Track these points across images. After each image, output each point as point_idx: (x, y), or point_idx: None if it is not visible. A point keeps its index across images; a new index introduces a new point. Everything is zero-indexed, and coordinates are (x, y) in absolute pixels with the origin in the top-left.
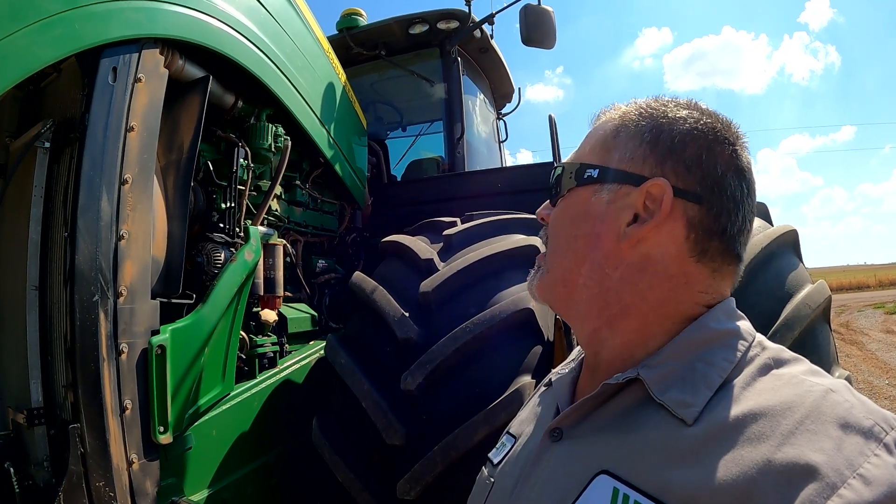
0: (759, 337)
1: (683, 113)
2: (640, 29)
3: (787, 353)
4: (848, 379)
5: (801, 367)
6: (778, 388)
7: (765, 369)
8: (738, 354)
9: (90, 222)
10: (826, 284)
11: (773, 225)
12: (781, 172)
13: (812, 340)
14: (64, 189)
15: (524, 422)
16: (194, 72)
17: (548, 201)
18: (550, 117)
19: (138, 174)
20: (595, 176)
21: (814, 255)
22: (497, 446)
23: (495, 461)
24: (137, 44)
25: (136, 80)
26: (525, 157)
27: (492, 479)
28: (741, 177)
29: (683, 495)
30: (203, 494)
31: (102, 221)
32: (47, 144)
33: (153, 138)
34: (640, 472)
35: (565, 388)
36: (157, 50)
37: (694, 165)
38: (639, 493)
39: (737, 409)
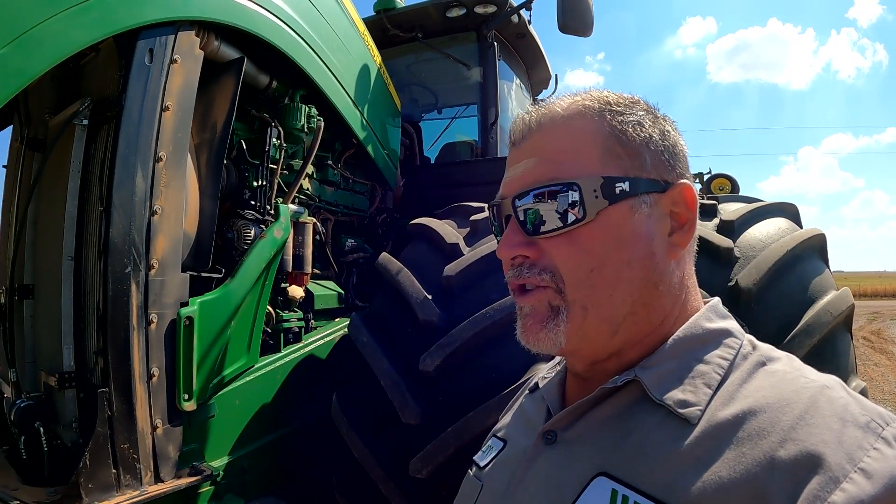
0: (749, 336)
1: (646, 105)
2: (685, 17)
3: (777, 352)
4: (864, 391)
5: (793, 364)
6: (774, 384)
7: (758, 367)
8: (733, 353)
9: (125, 197)
10: (850, 292)
11: (801, 227)
12: (822, 171)
13: (831, 348)
14: (101, 165)
15: (511, 425)
16: (230, 53)
17: (510, 235)
18: None
19: (172, 152)
20: (628, 190)
21: (850, 259)
22: (483, 449)
23: (482, 464)
24: (173, 26)
25: (172, 61)
26: None
27: (479, 482)
28: None
29: (687, 496)
30: (223, 461)
31: (137, 197)
32: (85, 122)
33: (188, 117)
34: (640, 473)
35: (554, 390)
36: (193, 32)
37: (685, 157)
38: (639, 494)
39: (736, 407)
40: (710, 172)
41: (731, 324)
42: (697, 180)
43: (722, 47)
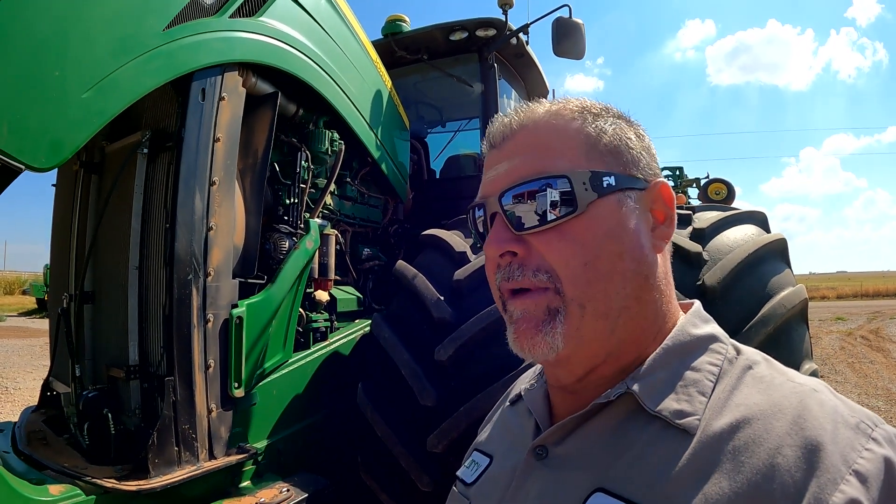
0: (732, 340)
1: (617, 112)
2: (683, 20)
3: (757, 354)
4: (815, 373)
5: (777, 369)
6: (763, 390)
7: (746, 373)
8: (721, 359)
9: (186, 216)
10: (804, 288)
11: (769, 232)
12: (824, 172)
13: (786, 337)
14: (164, 188)
15: (495, 439)
16: (265, 87)
17: (497, 232)
18: None
19: (224, 177)
20: (614, 184)
21: (855, 260)
22: (466, 464)
23: (468, 481)
24: (220, 68)
25: (221, 98)
26: None
27: (467, 500)
28: None
29: None
30: (263, 444)
31: (196, 216)
32: (145, 151)
33: (235, 147)
34: (640, 487)
35: (540, 403)
36: (236, 72)
37: (657, 159)
38: None
39: (730, 416)
40: (707, 177)
41: (715, 328)
42: (695, 185)
43: (721, 49)
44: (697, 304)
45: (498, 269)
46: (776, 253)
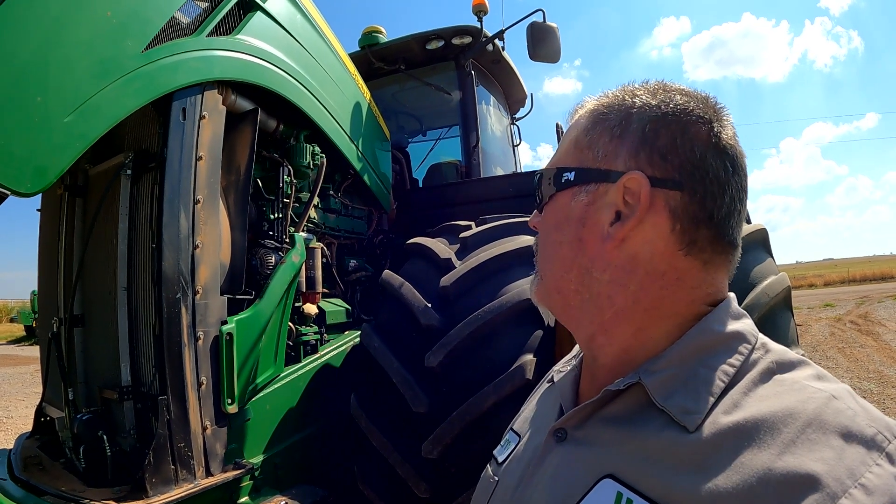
0: (762, 338)
1: (652, 98)
2: (658, 18)
3: (791, 355)
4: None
5: (805, 372)
6: (780, 394)
7: (767, 374)
8: (741, 358)
9: (172, 235)
10: (786, 276)
11: (750, 223)
12: (805, 162)
13: (771, 324)
14: (149, 209)
15: (528, 420)
16: (245, 104)
17: (536, 210)
18: (558, 126)
19: (208, 195)
20: (572, 179)
21: (840, 246)
22: (502, 443)
23: (500, 459)
24: (200, 87)
25: (202, 117)
26: (546, 151)
27: (496, 478)
28: (723, 155)
29: (685, 502)
30: (259, 458)
31: (182, 234)
32: (129, 172)
33: (217, 164)
34: (644, 477)
35: (568, 387)
36: (216, 90)
37: (669, 152)
38: (643, 498)
39: (738, 416)
40: None
41: (745, 325)
42: None
43: (697, 45)
44: (729, 298)
45: None
46: (757, 243)
